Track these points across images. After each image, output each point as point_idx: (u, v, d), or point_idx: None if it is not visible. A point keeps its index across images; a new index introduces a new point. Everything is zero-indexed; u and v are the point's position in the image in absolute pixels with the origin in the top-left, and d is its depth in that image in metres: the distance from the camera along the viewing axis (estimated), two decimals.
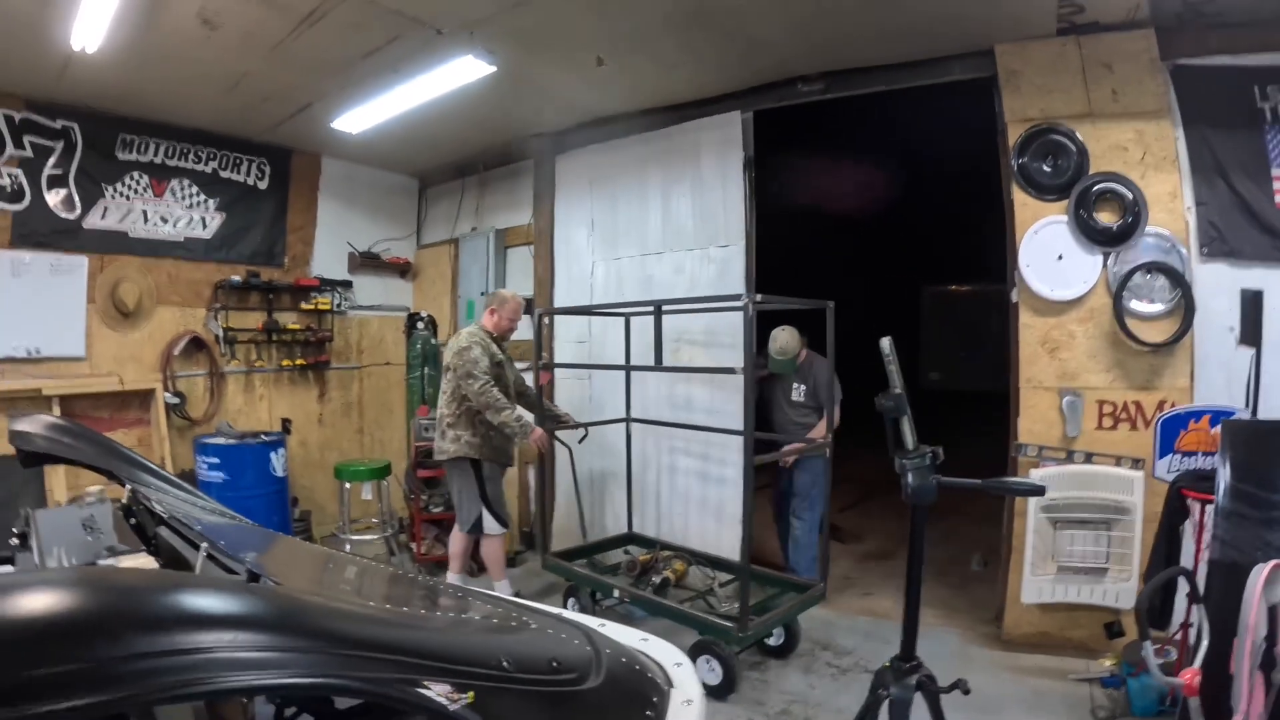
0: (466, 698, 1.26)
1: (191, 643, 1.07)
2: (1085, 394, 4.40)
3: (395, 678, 1.25)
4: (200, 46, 4.63)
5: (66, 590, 1.09)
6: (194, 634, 1.10)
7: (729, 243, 5.71)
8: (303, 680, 1.18)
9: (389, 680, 1.24)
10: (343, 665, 1.22)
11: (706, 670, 4.08)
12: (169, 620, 1.11)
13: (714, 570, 5.12)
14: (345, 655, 1.23)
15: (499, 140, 6.78)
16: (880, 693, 2.20)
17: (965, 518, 6.46)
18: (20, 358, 5.54)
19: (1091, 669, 4.10)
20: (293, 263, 7.16)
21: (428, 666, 1.31)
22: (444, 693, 1.24)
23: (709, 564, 5.18)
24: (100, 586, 1.15)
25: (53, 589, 1.10)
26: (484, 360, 4.95)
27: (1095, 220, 4.37)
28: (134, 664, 1.00)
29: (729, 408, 5.51)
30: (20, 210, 5.54)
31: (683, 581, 5.04)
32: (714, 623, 4.25)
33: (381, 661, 1.27)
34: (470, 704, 1.26)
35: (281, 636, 1.19)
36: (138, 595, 1.15)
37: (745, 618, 4.12)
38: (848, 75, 5.14)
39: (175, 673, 1.02)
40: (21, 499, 5.30)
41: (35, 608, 1.02)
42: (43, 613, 1.01)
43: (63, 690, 0.92)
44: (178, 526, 2.40)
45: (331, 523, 7.03)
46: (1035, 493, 2.16)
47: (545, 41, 4.72)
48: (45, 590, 1.09)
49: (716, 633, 4.16)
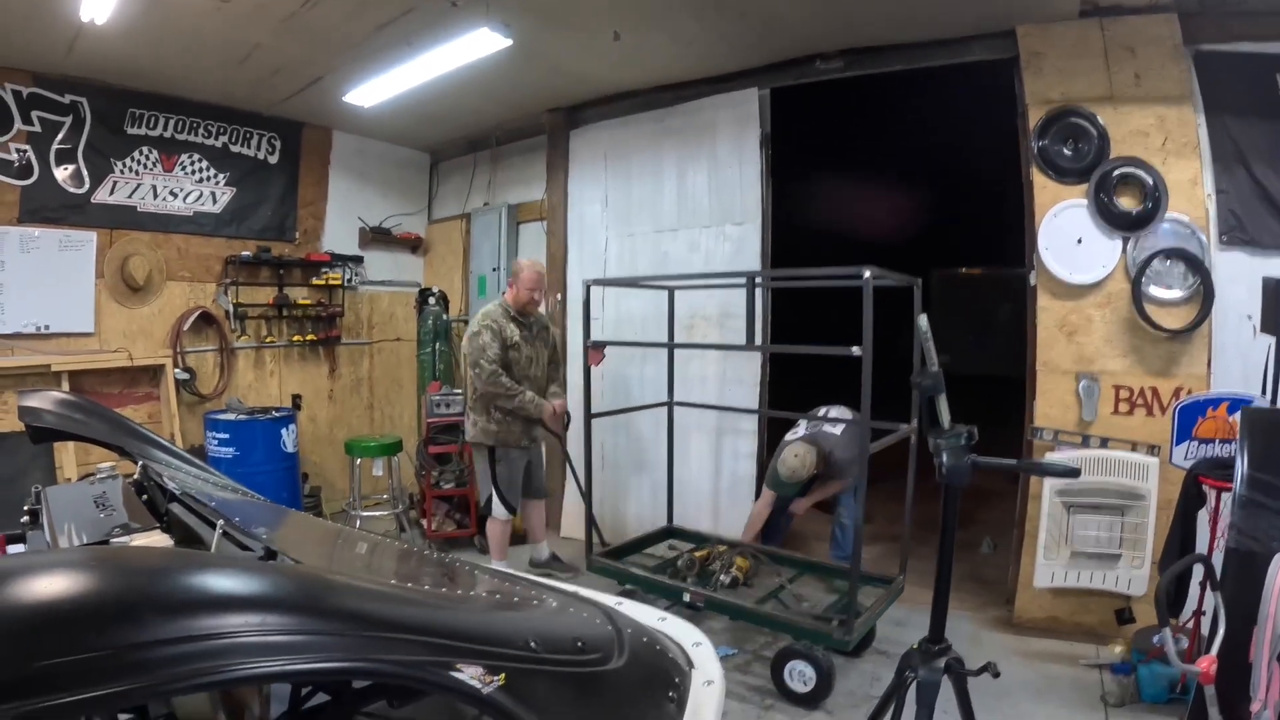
0: (499, 680, 1.24)
1: (215, 627, 1.03)
2: (1102, 379, 4.38)
3: (428, 660, 1.23)
4: (210, 18, 4.58)
5: (81, 572, 1.04)
6: (218, 617, 1.06)
7: (745, 220, 5.69)
8: (334, 665, 1.15)
9: (421, 663, 1.22)
10: (374, 648, 1.19)
11: (796, 679, 3.84)
12: (191, 603, 1.07)
13: (774, 564, 4.80)
14: (376, 638, 1.21)
15: (513, 115, 6.73)
16: (907, 674, 2.19)
17: (975, 500, 6.43)
18: (29, 333, 5.54)
19: (1102, 655, 4.09)
20: (304, 238, 7.14)
21: (458, 648, 1.29)
22: (476, 675, 1.22)
23: (769, 559, 4.86)
24: (117, 568, 1.11)
25: (67, 571, 1.05)
26: (493, 346, 4.86)
27: (1115, 204, 4.33)
28: (155, 651, 0.96)
29: (745, 385, 5.55)
30: (29, 185, 5.51)
31: (750, 579, 4.64)
32: (813, 627, 3.94)
33: (412, 643, 1.24)
34: (502, 686, 1.24)
35: (310, 619, 1.16)
36: (157, 577, 1.11)
37: (852, 618, 3.83)
38: (867, 53, 5.09)
39: (198, 659, 0.99)
40: (31, 476, 5.31)
41: (49, 592, 0.98)
42: (56, 598, 0.97)
43: (78, 681, 0.88)
44: (190, 503, 2.39)
45: (342, 499, 7.08)
46: (1070, 474, 2.13)
47: (561, 15, 4.67)
48: (59, 573, 1.04)
49: (815, 637, 3.87)
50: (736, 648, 4.42)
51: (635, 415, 5.72)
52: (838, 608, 4.15)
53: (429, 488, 6.44)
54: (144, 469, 2.68)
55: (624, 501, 6.39)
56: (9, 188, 5.44)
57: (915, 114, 6.87)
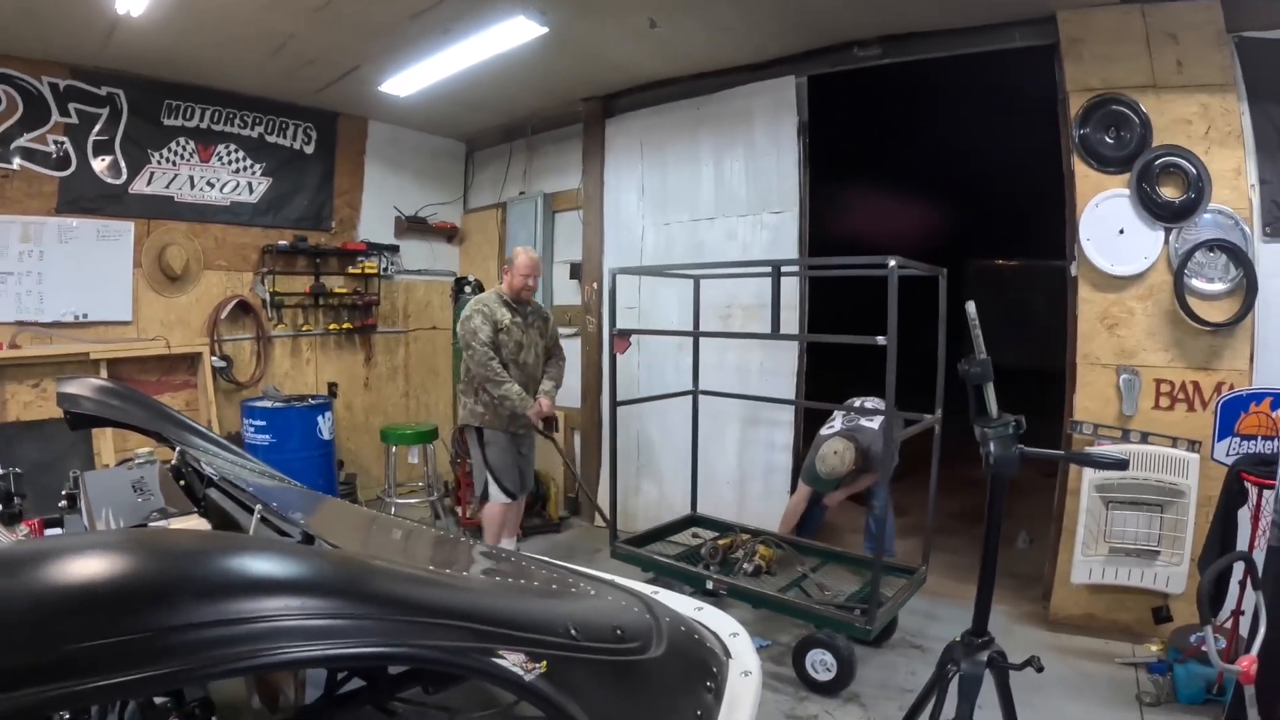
0: (540, 667, 1.23)
1: (255, 610, 1.02)
2: (1143, 372, 4.31)
3: (470, 646, 1.22)
4: (245, 8, 4.62)
5: (119, 554, 1.03)
6: (258, 601, 1.04)
7: (783, 209, 5.66)
8: (376, 650, 1.14)
9: (464, 649, 1.21)
10: (416, 633, 1.18)
11: (818, 666, 3.87)
12: (230, 586, 1.05)
13: (798, 553, 4.82)
14: (418, 623, 1.20)
15: (548, 103, 6.73)
16: (949, 668, 2.15)
17: (1010, 493, 6.30)
18: (68, 322, 5.63)
19: (1138, 653, 4.04)
20: (340, 227, 7.20)
21: (500, 634, 1.28)
22: (519, 662, 1.21)
23: (791, 547, 4.86)
24: (155, 550, 1.10)
25: (105, 553, 1.04)
26: (484, 330, 4.86)
27: (1158, 194, 4.24)
28: (193, 634, 0.95)
29: (782, 375, 5.53)
30: (67, 177, 5.60)
31: (772, 568, 4.67)
32: (835, 615, 3.96)
33: (454, 629, 1.23)
34: (543, 673, 1.23)
35: (352, 603, 1.15)
36: (195, 559, 1.10)
37: (875, 607, 3.84)
38: (905, 40, 5.03)
39: (238, 643, 0.97)
40: (69, 461, 5.39)
41: (86, 574, 0.97)
42: (94, 580, 0.96)
43: (115, 664, 0.87)
44: (227, 488, 2.40)
45: (376, 486, 7.13)
46: (1118, 466, 2.09)
47: (598, 2, 4.66)
48: (97, 554, 1.03)
49: (837, 626, 3.90)
50: (770, 639, 4.40)
51: (671, 405, 5.73)
52: (859, 597, 4.16)
53: (464, 475, 6.44)
54: (181, 454, 2.70)
55: (661, 488, 6.39)
56: (47, 179, 5.52)
57: (952, 102, 6.77)
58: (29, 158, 5.43)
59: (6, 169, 5.35)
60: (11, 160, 5.36)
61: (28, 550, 1.17)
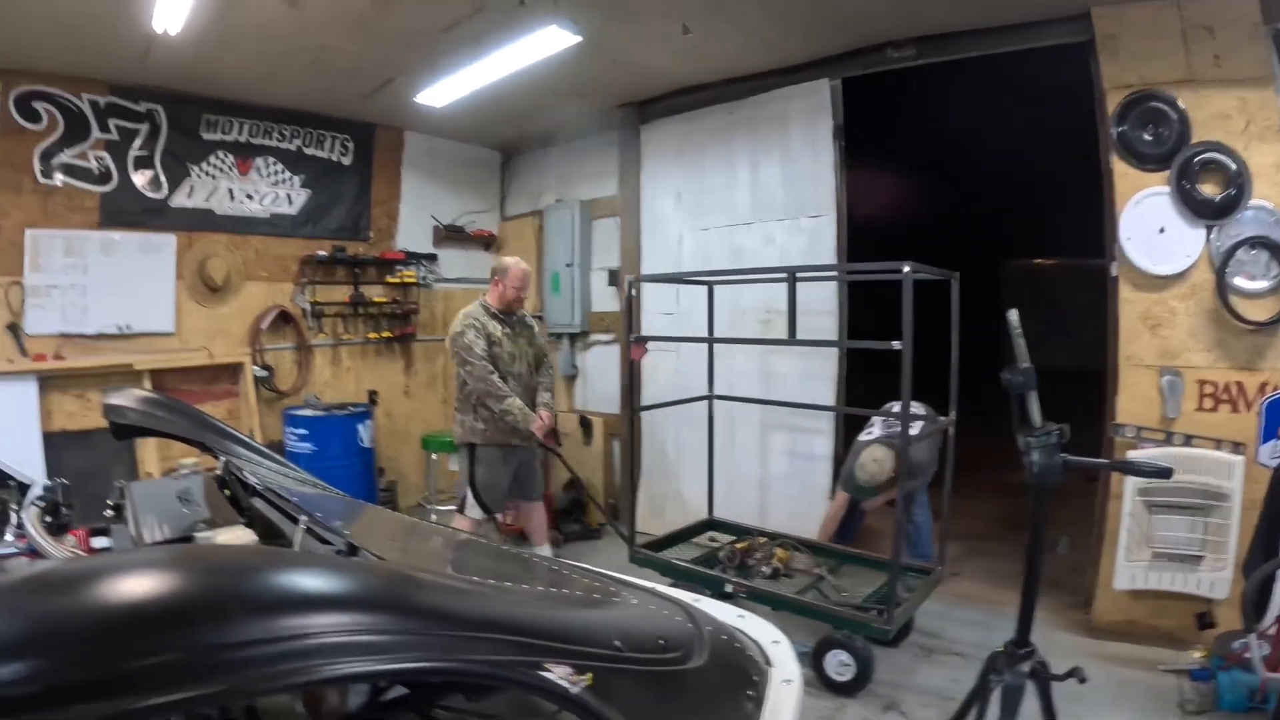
0: (586, 679, 1.24)
1: (306, 627, 1.03)
2: (1185, 373, 4.23)
3: (518, 660, 1.23)
4: (282, 24, 4.69)
5: (173, 572, 1.05)
6: (308, 617, 1.06)
7: (819, 213, 5.65)
8: (425, 664, 1.15)
9: (511, 662, 1.22)
10: (464, 647, 1.19)
11: (837, 666, 3.92)
12: (282, 603, 1.07)
13: (815, 555, 4.85)
14: (466, 636, 1.21)
15: (583, 110, 6.75)
16: (992, 678, 2.14)
17: (1052, 498, 6.26)
18: (112, 334, 5.75)
19: (1180, 660, 3.96)
20: (378, 237, 7.30)
21: (546, 647, 1.29)
22: (565, 674, 1.22)
23: (808, 549, 4.89)
24: (209, 567, 1.12)
25: (160, 570, 1.06)
26: (479, 344, 4.78)
27: (1198, 192, 4.17)
28: (246, 651, 0.96)
29: (821, 381, 5.52)
30: (108, 191, 5.73)
31: (790, 570, 4.72)
32: (854, 616, 4.00)
33: (501, 642, 1.24)
34: (589, 686, 1.24)
35: (400, 618, 1.16)
36: (246, 576, 1.11)
37: (892, 607, 3.87)
38: (939, 40, 5.00)
39: (290, 659, 0.99)
40: (113, 471, 5.52)
41: (140, 592, 0.98)
42: (148, 597, 0.98)
43: (168, 681, 0.88)
44: (272, 498, 2.44)
45: (417, 493, 7.23)
46: (1162, 474, 2.06)
47: (630, 10, 4.68)
48: (152, 572, 1.05)
49: (854, 626, 3.94)
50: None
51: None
52: (877, 597, 4.19)
53: None
54: (225, 464, 2.75)
55: (699, 493, 6.24)
56: (89, 194, 5.65)
57: (986, 101, 6.70)
58: (71, 173, 5.56)
59: (50, 185, 5.48)
60: (54, 176, 5.49)
61: (86, 568, 1.19)
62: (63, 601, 0.96)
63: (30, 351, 5.41)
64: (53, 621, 0.92)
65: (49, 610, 0.94)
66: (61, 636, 0.89)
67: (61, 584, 1.01)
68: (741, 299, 5.91)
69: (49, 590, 0.99)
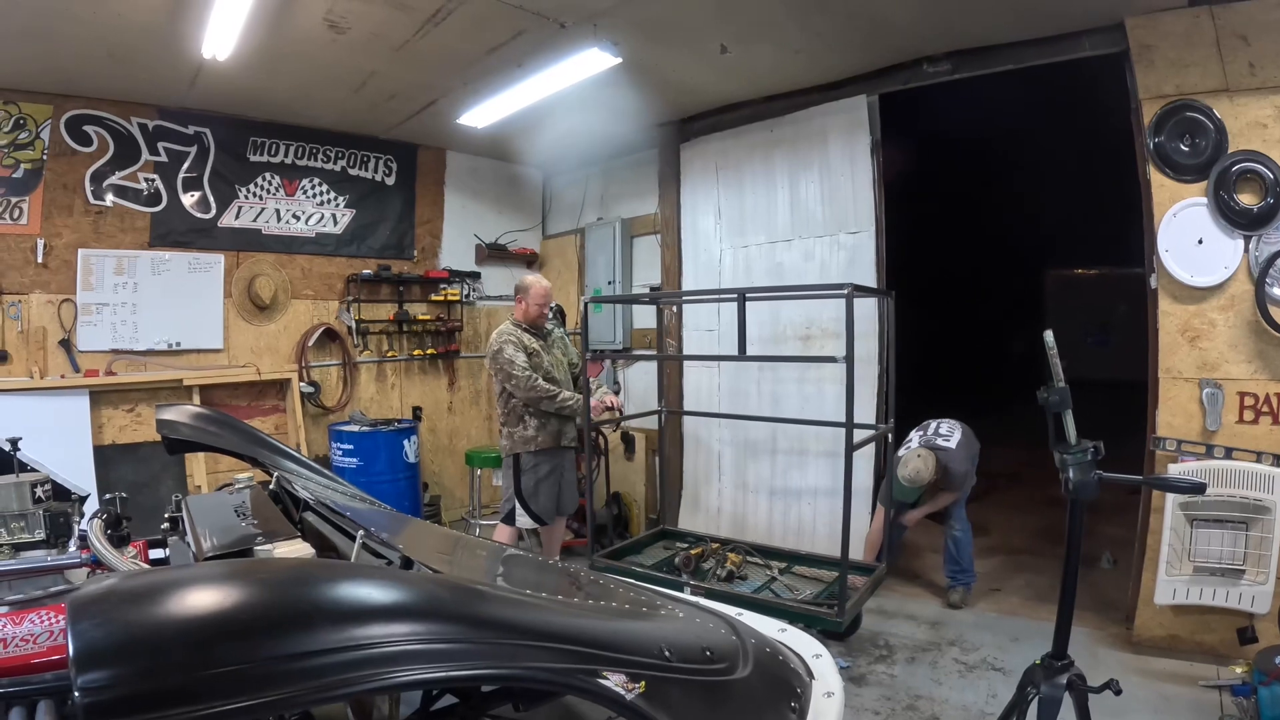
0: (639, 687, 1.29)
1: (378, 635, 1.10)
2: (1225, 385, 4.18)
3: (577, 668, 1.29)
4: (327, 49, 4.81)
5: (249, 585, 1.13)
6: (381, 626, 1.12)
7: (859, 229, 5.66)
8: (488, 671, 1.21)
9: (571, 670, 1.28)
10: (524, 655, 1.25)
11: None
12: (357, 613, 1.14)
13: (765, 559, 5.16)
14: (526, 645, 1.27)
15: (623, 130, 6.79)
16: (1029, 691, 2.16)
17: (1095, 513, 6.18)
18: (162, 350, 5.90)
19: (1222, 675, 3.87)
20: (422, 255, 7.42)
21: (602, 656, 1.34)
22: (620, 682, 1.28)
23: (759, 554, 5.21)
24: (283, 580, 1.19)
25: (235, 583, 1.13)
26: (519, 356, 4.92)
27: (1236, 202, 4.12)
28: (323, 659, 1.03)
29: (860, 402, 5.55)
30: (158, 212, 5.89)
31: (743, 572, 5.03)
32: (810, 611, 4.26)
33: (559, 651, 1.30)
34: (642, 693, 1.29)
35: (466, 627, 1.23)
36: (326, 588, 1.19)
37: (844, 601, 4.20)
38: (975, 54, 5.00)
39: (366, 666, 1.05)
40: (163, 483, 5.67)
41: (232, 601, 1.06)
42: (238, 606, 1.06)
43: (247, 687, 0.95)
44: (324, 511, 2.51)
45: (461, 507, 7.32)
46: (1196, 489, 2.07)
47: (669, 31, 4.74)
48: (229, 584, 1.13)
49: (811, 620, 4.07)
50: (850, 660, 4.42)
51: (751, 428, 6.10)
52: (828, 594, 4.54)
53: None
54: (278, 479, 2.83)
55: (737, 507, 6.43)
56: (139, 214, 5.82)
57: (1023, 113, 6.68)
58: (121, 195, 5.73)
59: (101, 206, 5.65)
60: (105, 197, 5.67)
61: (167, 579, 1.26)
62: (149, 612, 1.03)
63: (82, 367, 5.57)
64: (139, 631, 0.99)
65: (135, 620, 1.01)
66: (147, 645, 0.97)
67: (146, 595, 1.07)
68: (781, 315, 5.95)
69: (135, 601, 1.06)
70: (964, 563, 5.17)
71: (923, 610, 5.12)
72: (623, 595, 2.02)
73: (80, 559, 2.44)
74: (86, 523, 2.39)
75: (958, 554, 5.16)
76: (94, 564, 2.36)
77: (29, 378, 5.34)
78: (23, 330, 5.40)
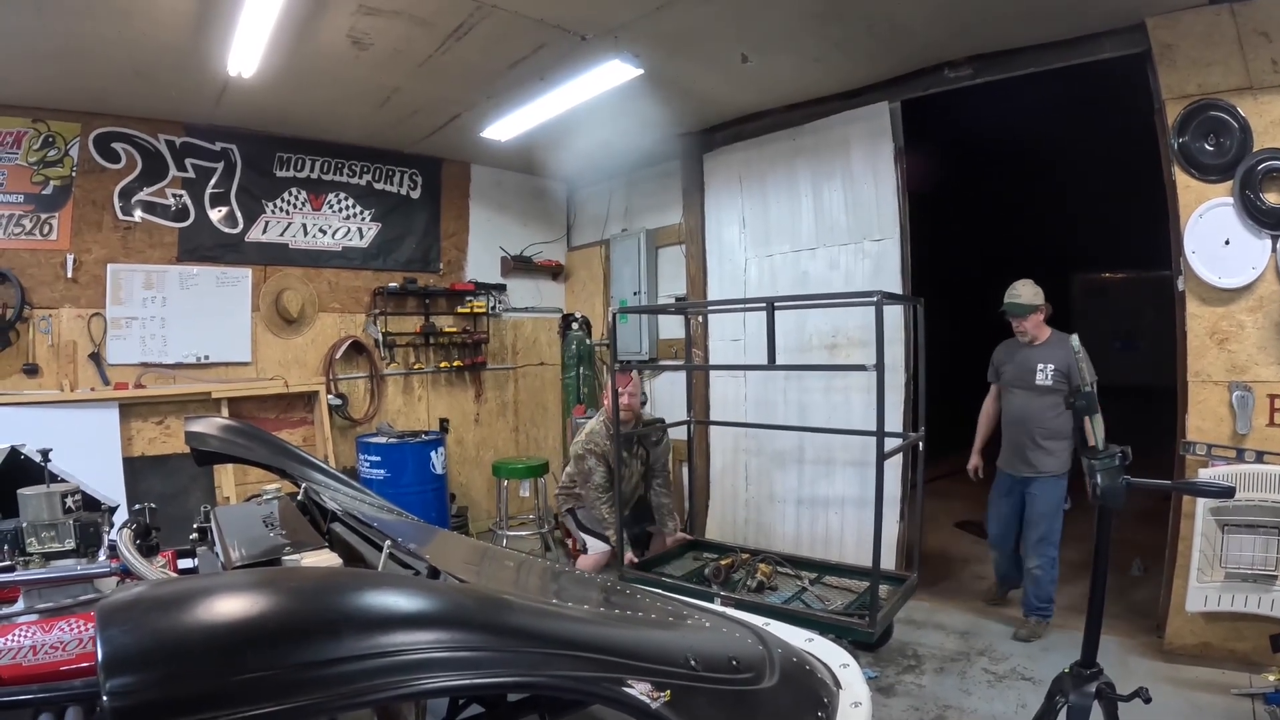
0: (665, 696, 1.30)
1: (410, 643, 1.12)
2: (1255, 388, 4.11)
3: (602, 676, 1.30)
4: (350, 66, 4.87)
5: (281, 593, 1.15)
6: (410, 634, 1.14)
7: (883, 236, 5.63)
8: (516, 679, 1.22)
9: (597, 679, 1.29)
10: (551, 664, 1.26)
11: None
12: (387, 621, 1.15)
13: (795, 569, 5.08)
14: (553, 654, 1.28)
15: (646, 141, 6.81)
16: (1057, 699, 2.14)
17: (1126, 520, 6.09)
18: (190, 363, 5.99)
19: (1254, 683, 3.84)
20: (447, 268, 7.50)
21: (627, 665, 1.35)
22: (646, 691, 1.28)
23: (789, 564, 5.14)
24: (313, 589, 1.20)
25: (268, 591, 1.15)
26: (599, 472, 5.10)
27: (1262, 201, 4.06)
28: (354, 665, 1.04)
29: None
30: (186, 227, 5.99)
31: (774, 582, 4.95)
32: (841, 621, 4.20)
33: (585, 660, 1.31)
34: (668, 702, 1.30)
35: (494, 636, 1.24)
36: (349, 596, 1.20)
37: (875, 612, 4.14)
38: (995, 58, 4.96)
39: (396, 672, 1.07)
40: (192, 494, 5.73)
41: (261, 609, 1.08)
42: (266, 614, 1.07)
43: (276, 693, 0.97)
44: (351, 522, 2.53)
45: (487, 518, 7.38)
46: (1225, 494, 2.05)
47: (690, 42, 4.75)
48: (261, 592, 1.15)
49: (842, 631, 4.02)
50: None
51: (777, 438, 6.12)
52: (859, 605, 4.47)
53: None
54: (306, 490, 2.85)
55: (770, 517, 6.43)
56: (168, 230, 5.92)
57: (1046, 116, 6.62)
58: (149, 210, 5.83)
59: (129, 222, 5.75)
60: (133, 213, 5.76)
61: (198, 587, 1.29)
62: (177, 618, 1.05)
63: (112, 380, 5.66)
64: (167, 637, 1.01)
65: (163, 626, 1.03)
66: (175, 651, 0.99)
67: (174, 602, 1.10)
68: (807, 324, 5.93)
69: (163, 608, 1.08)
70: (1039, 602, 4.80)
71: (952, 620, 5.08)
72: (648, 605, 2.02)
73: (109, 568, 2.45)
74: (116, 533, 2.40)
75: (1035, 594, 4.80)
76: (123, 573, 2.38)
77: (59, 390, 5.43)
78: (53, 344, 5.49)
